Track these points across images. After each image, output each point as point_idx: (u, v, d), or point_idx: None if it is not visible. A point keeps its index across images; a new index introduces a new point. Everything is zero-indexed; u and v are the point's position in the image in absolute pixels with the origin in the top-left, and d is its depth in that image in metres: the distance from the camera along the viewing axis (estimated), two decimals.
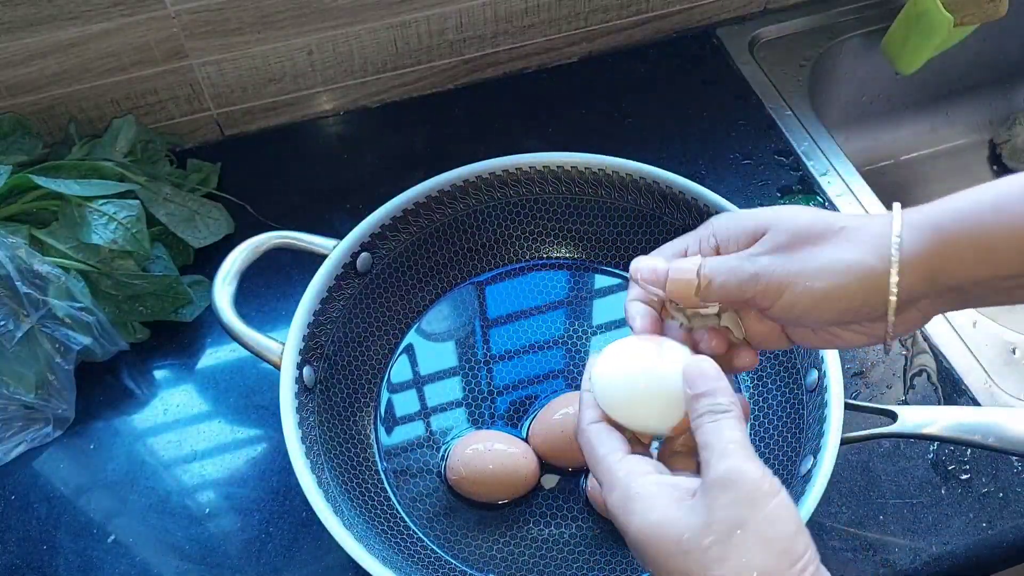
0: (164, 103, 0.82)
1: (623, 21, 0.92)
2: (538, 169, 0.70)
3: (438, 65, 0.89)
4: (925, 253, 0.40)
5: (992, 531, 0.62)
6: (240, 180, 0.83)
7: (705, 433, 0.40)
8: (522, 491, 0.62)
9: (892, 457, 0.65)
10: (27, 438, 0.67)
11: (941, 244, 0.40)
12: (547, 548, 0.61)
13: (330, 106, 0.89)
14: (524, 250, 0.74)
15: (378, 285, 0.69)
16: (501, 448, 0.62)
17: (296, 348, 0.61)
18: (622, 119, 0.88)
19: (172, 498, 0.66)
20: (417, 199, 0.68)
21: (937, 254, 0.40)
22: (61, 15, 0.73)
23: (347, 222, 0.67)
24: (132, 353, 0.72)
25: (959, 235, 0.40)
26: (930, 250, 0.40)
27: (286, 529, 0.64)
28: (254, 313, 0.74)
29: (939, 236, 0.40)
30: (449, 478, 0.63)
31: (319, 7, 0.79)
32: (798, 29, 0.95)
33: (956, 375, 0.70)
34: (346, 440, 0.64)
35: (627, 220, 0.72)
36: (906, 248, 0.40)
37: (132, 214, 0.69)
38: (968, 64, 1.04)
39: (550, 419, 0.63)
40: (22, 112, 0.78)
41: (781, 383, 0.65)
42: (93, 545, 0.63)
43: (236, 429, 0.69)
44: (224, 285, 0.62)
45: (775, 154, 0.85)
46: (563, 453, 0.63)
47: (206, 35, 0.78)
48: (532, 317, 0.72)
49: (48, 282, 0.65)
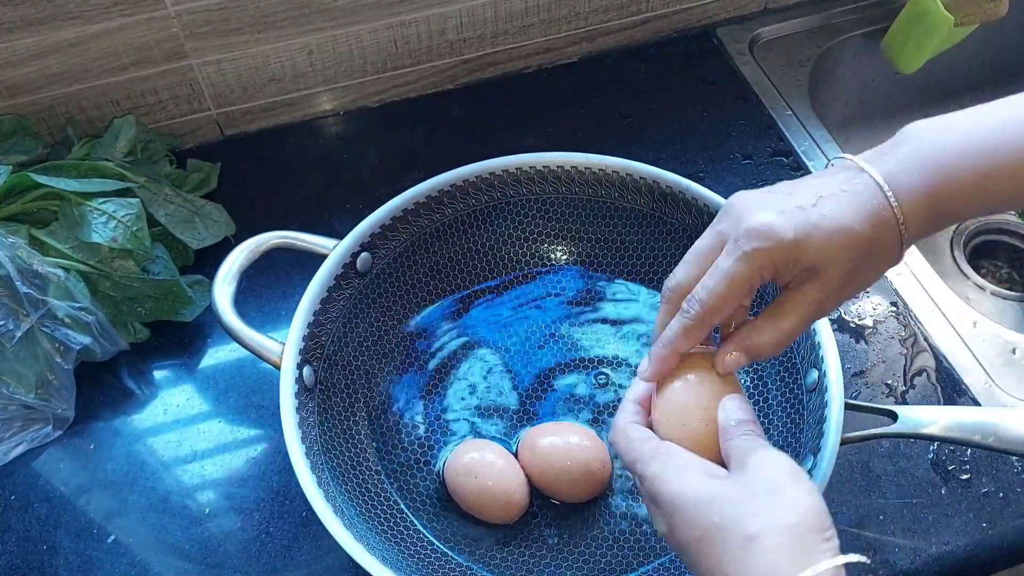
0: (164, 103, 0.82)
1: (623, 21, 0.92)
2: (538, 169, 0.70)
3: (438, 65, 0.89)
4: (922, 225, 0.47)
5: (992, 531, 0.62)
6: (240, 180, 0.83)
7: (740, 442, 0.45)
8: (514, 517, 0.61)
9: (892, 457, 0.65)
10: (27, 438, 0.67)
11: (935, 214, 0.46)
12: (549, 547, 0.61)
13: (330, 106, 0.89)
14: (524, 250, 0.74)
15: (378, 285, 0.69)
16: (492, 471, 0.61)
17: (296, 348, 0.61)
18: (622, 119, 0.88)
19: (172, 498, 0.66)
20: (417, 199, 0.68)
21: (934, 200, 0.46)
22: (61, 15, 0.73)
23: (347, 222, 0.67)
24: (132, 353, 0.72)
25: (960, 175, 0.45)
26: (927, 220, 0.46)
27: (286, 529, 0.64)
28: (254, 313, 0.74)
29: (934, 188, 0.46)
30: (447, 485, 0.63)
31: (319, 7, 0.79)
32: (798, 29, 0.95)
33: (956, 375, 0.70)
34: (346, 440, 0.64)
35: (627, 220, 0.72)
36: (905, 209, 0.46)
37: (132, 212, 0.69)
38: (969, 64, 1.04)
39: (535, 445, 0.62)
40: (22, 112, 0.78)
41: (781, 383, 0.65)
42: (93, 545, 0.63)
43: (236, 429, 0.69)
44: (224, 285, 0.62)
45: (775, 154, 0.85)
46: (551, 483, 0.62)
47: (206, 35, 0.78)
48: (532, 318, 0.72)
49: (48, 282, 0.65)
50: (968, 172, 0.45)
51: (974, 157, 0.45)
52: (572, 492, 0.62)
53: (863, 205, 0.46)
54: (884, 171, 0.46)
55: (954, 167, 0.45)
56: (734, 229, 0.46)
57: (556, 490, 0.62)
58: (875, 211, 0.46)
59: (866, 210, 0.46)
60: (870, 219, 0.46)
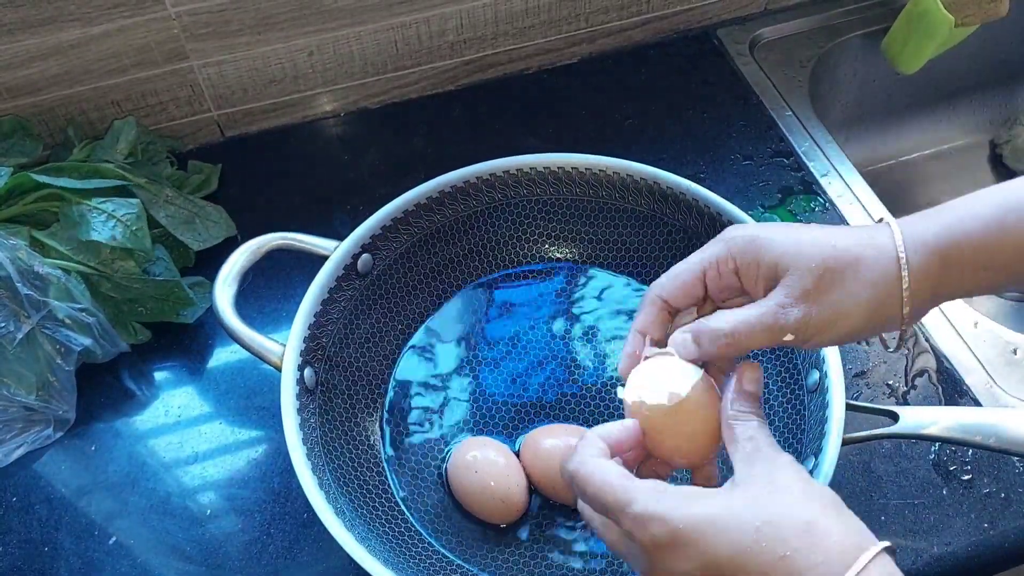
0: (165, 104, 0.82)
1: (623, 22, 0.92)
2: (539, 170, 0.70)
3: (439, 66, 0.89)
4: (930, 278, 0.44)
5: (994, 532, 0.62)
6: (241, 181, 0.83)
7: (746, 436, 0.44)
8: (514, 517, 0.61)
9: (893, 458, 0.65)
10: (28, 440, 0.67)
11: (945, 267, 0.44)
12: (550, 550, 0.61)
13: (331, 107, 0.89)
14: (525, 251, 0.74)
15: (379, 286, 0.69)
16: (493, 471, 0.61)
17: (297, 349, 0.61)
18: (622, 120, 0.88)
19: (173, 499, 0.66)
20: (418, 200, 0.68)
21: (941, 278, 0.44)
22: (62, 16, 0.73)
23: (348, 223, 0.67)
24: (133, 354, 0.72)
25: (961, 257, 0.43)
26: (935, 274, 0.44)
27: (287, 531, 0.64)
28: (255, 314, 0.74)
29: (942, 260, 0.43)
30: (449, 482, 0.63)
31: (319, 8, 0.79)
32: (799, 29, 0.95)
33: (957, 375, 0.70)
34: (347, 441, 0.64)
35: (628, 221, 0.72)
36: (913, 278, 0.43)
37: (132, 212, 0.69)
38: (969, 64, 1.04)
39: (538, 446, 0.62)
40: (23, 114, 0.78)
41: (782, 384, 0.65)
42: (94, 547, 0.63)
43: (237, 430, 0.69)
44: (225, 286, 0.62)
45: (776, 155, 0.85)
46: (553, 485, 0.61)
47: (207, 36, 0.78)
48: (533, 319, 0.72)
49: (48, 283, 0.65)
50: (982, 222, 0.43)
51: (986, 218, 0.44)
52: (573, 495, 0.61)
53: (855, 230, 0.46)
54: (900, 221, 0.45)
55: (971, 217, 0.44)
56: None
57: (557, 492, 0.62)
58: (868, 232, 0.45)
59: (856, 231, 0.45)
60: (856, 236, 0.45)
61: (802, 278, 0.44)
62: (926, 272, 0.43)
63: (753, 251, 0.46)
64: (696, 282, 0.48)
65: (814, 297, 0.44)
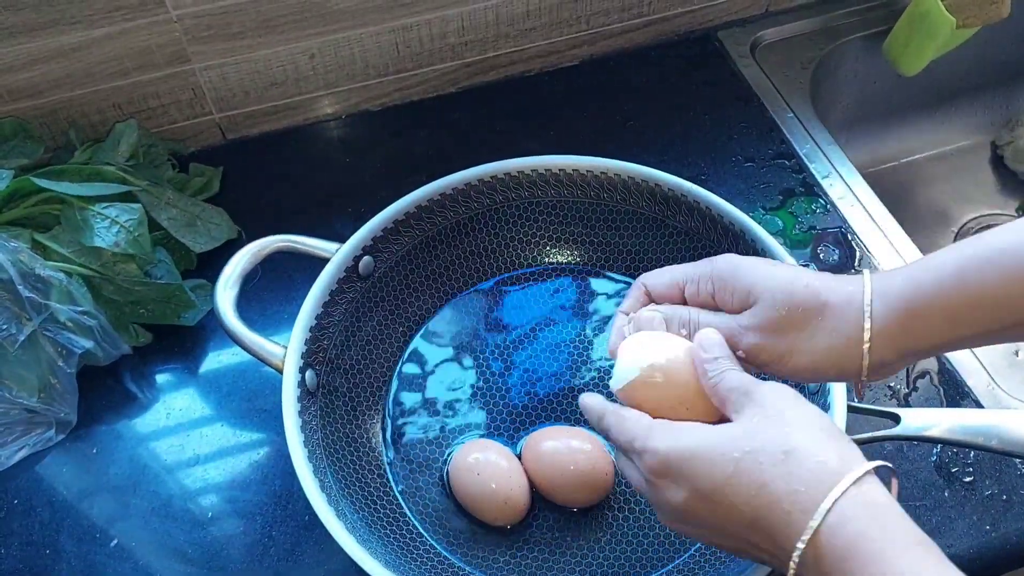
0: (166, 107, 0.82)
1: (624, 24, 0.92)
2: (540, 172, 0.70)
3: (440, 68, 0.89)
4: (893, 330, 0.45)
5: (996, 534, 0.62)
6: (242, 184, 0.83)
7: (730, 383, 0.45)
8: (515, 519, 0.61)
9: (895, 460, 0.65)
10: (29, 442, 0.67)
11: (910, 319, 0.44)
12: (551, 552, 0.61)
13: (332, 110, 0.89)
14: (526, 254, 0.74)
15: (380, 289, 0.69)
16: (495, 473, 0.61)
17: (298, 352, 0.61)
18: (624, 122, 0.88)
19: (175, 502, 0.66)
20: (419, 203, 0.68)
21: (905, 331, 0.45)
22: (64, 20, 0.73)
23: (349, 226, 0.67)
24: (134, 357, 0.72)
25: (928, 309, 0.44)
26: (900, 326, 0.44)
27: (289, 533, 0.64)
28: (256, 317, 0.74)
29: (907, 312, 0.44)
30: (450, 484, 0.63)
31: (321, 11, 0.79)
32: (800, 31, 0.95)
33: (959, 377, 0.70)
34: (349, 444, 0.64)
35: (630, 223, 0.72)
36: (876, 329, 0.44)
37: (134, 217, 0.69)
38: (970, 66, 1.04)
39: (539, 449, 0.62)
40: (24, 116, 0.78)
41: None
42: (96, 549, 0.63)
43: (238, 433, 0.69)
44: (226, 289, 0.62)
45: (777, 156, 0.85)
46: (554, 487, 0.61)
47: (208, 39, 0.78)
48: (533, 321, 0.72)
49: (50, 286, 0.65)
50: (943, 274, 0.44)
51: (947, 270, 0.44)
52: (574, 497, 0.62)
53: (830, 276, 0.48)
54: (874, 274, 0.47)
55: (935, 267, 0.45)
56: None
57: (558, 494, 0.62)
58: (841, 280, 0.47)
59: (830, 277, 0.47)
60: (829, 282, 0.47)
61: (767, 310, 0.47)
62: (890, 323, 0.44)
63: (731, 276, 0.49)
64: (677, 287, 0.52)
65: (773, 331, 0.46)
